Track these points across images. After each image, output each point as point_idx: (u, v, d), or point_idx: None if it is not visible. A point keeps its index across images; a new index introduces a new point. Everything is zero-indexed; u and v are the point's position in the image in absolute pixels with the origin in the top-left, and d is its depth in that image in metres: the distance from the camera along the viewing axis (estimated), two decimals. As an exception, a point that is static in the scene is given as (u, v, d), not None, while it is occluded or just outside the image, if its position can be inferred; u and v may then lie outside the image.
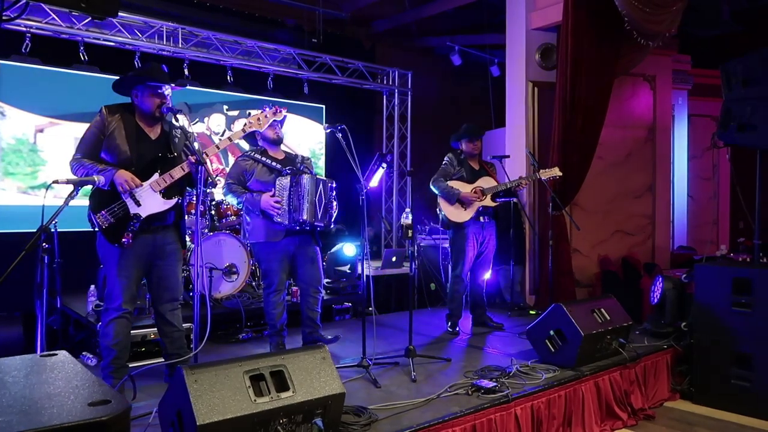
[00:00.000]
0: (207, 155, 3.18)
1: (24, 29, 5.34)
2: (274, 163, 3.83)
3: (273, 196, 3.72)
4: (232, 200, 3.89)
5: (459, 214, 4.62)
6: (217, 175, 5.33)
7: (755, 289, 3.86)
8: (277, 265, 3.84)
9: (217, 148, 3.31)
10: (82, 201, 3.06)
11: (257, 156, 3.85)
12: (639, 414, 3.83)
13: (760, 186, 4.19)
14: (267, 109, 3.52)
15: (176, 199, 3.17)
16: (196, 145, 3.15)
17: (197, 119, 6.82)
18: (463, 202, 4.59)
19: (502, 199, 4.84)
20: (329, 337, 4.15)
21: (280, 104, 7.27)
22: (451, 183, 4.65)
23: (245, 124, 3.43)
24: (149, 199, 3.05)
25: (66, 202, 2.60)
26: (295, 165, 3.91)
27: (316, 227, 3.84)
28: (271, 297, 3.87)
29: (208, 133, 6.94)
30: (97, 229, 3.02)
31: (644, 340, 4.32)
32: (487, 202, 4.60)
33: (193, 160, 3.04)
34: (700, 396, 4.09)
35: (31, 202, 5.74)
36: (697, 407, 4.05)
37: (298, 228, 3.77)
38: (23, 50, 5.42)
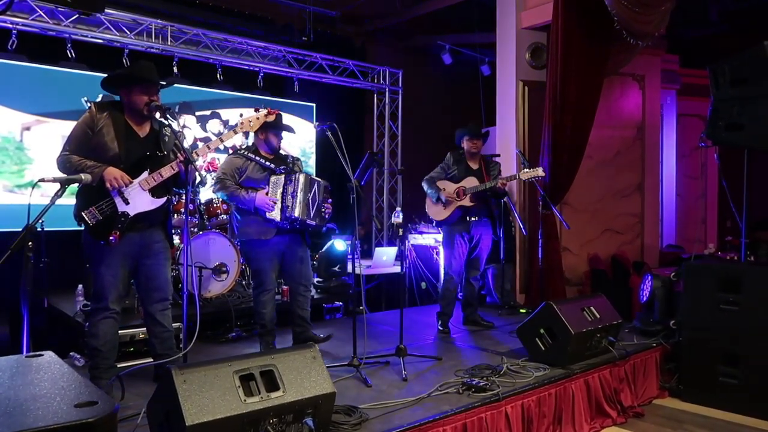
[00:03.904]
0: (197, 155, 3.15)
1: (10, 26, 5.27)
2: (267, 162, 3.82)
3: (267, 194, 3.71)
4: (223, 196, 3.86)
5: (438, 213, 4.67)
6: (209, 172, 5.30)
7: (743, 288, 3.89)
8: (267, 264, 3.82)
9: (208, 148, 3.29)
10: (70, 200, 3.02)
11: (250, 155, 3.83)
12: (628, 412, 3.85)
13: (748, 185, 4.23)
14: (260, 111, 3.50)
15: (165, 198, 3.14)
16: (185, 143, 3.12)
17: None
18: (443, 202, 4.61)
19: (494, 199, 4.83)
20: (321, 335, 4.14)
21: (271, 102, 7.26)
22: (440, 183, 4.67)
23: (237, 125, 3.42)
24: (138, 198, 3.02)
25: (53, 201, 2.57)
26: (286, 164, 3.89)
27: (307, 226, 3.83)
28: (262, 296, 3.86)
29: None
30: (83, 226, 2.99)
31: (633, 338, 4.35)
32: (465, 201, 4.60)
33: (182, 159, 3.02)
34: (689, 393, 4.12)
35: (17, 201, 5.67)
36: (685, 405, 4.08)
37: (289, 226, 3.75)
38: (9, 47, 5.35)
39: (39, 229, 4.28)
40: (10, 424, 1.46)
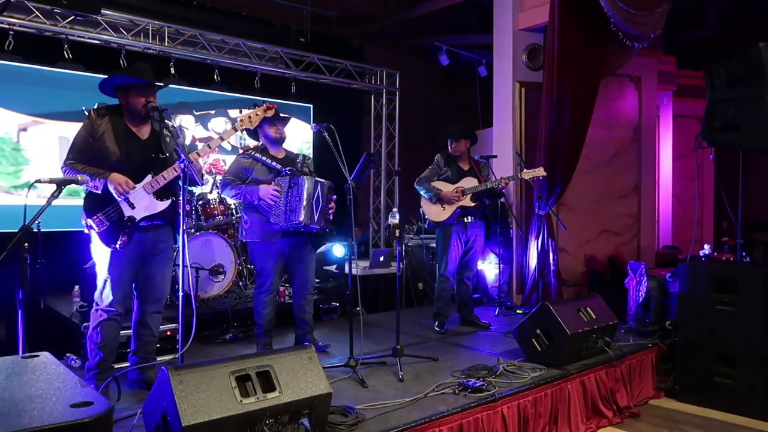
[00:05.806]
0: (199, 155, 3.14)
1: (6, 26, 5.26)
2: (273, 163, 3.82)
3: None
4: (229, 193, 3.86)
5: (438, 214, 4.65)
6: (210, 173, 5.29)
7: (738, 288, 3.91)
8: (271, 265, 3.82)
9: (209, 147, 3.27)
10: (66, 201, 3.04)
11: (257, 155, 3.84)
12: (624, 412, 3.86)
13: (743, 186, 4.24)
14: (257, 107, 3.50)
15: (170, 199, 3.14)
16: (186, 141, 3.12)
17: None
18: (443, 202, 4.60)
19: (488, 200, 4.83)
20: (321, 344, 4.13)
21: (268, 103, 7.22)
22: (434, 183, 4.67)
23: (236, 123, 3.42)
24: (143, 201, 3.03)
25: (49, 202, 2.56)
26: (295, 165, 3.90)
27: (311, 230, 3.83)
28: (263, 296, 3.86)
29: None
30: (91, 231, 3.01)
31: (629, 338, 4.36)
32: (466, 202, 4.60)
33: (184, 158, 3.02)
34: (685, 394, 4.14)
35: (13, 202, 5.66)
36: (681, 405, 4.09)
37: (292, 229, 3.76)
38: (6, 48, 5.34)
39: (35, 230, 4.28)
40: (5, 425, 1.46)
